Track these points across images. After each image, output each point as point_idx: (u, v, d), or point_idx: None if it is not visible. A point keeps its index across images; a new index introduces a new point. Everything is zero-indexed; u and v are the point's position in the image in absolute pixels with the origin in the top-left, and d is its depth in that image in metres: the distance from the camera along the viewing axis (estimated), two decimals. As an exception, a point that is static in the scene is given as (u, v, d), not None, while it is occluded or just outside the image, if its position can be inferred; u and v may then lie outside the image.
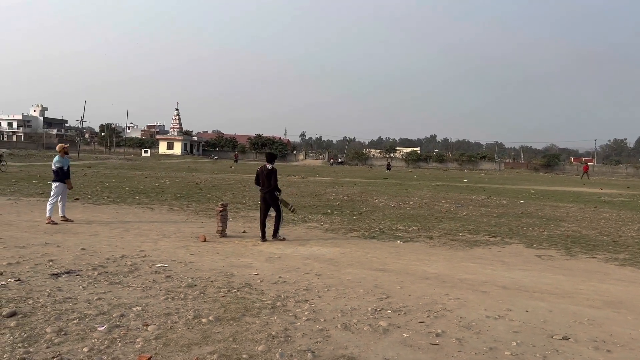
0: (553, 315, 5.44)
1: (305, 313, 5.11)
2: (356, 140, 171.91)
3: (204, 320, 4.75)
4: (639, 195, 27.79)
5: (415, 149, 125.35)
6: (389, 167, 65.04)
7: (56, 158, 11.07)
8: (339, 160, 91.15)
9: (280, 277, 6.62)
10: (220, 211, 9.64)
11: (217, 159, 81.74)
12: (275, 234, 9.60)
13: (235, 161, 63.56)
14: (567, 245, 10.26)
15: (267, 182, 9.63)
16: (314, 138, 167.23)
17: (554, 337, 4.70)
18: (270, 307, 5.26)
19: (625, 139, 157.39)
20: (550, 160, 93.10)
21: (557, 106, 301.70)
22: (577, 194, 26.80)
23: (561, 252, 9.47)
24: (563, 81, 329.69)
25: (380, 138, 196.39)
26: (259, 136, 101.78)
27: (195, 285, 6.00)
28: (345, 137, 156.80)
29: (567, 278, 7.37)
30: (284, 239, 9.56)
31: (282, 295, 5.72)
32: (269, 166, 9.76)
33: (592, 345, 4.54)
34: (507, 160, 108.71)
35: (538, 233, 11.77)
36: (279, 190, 9.69)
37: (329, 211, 14.34)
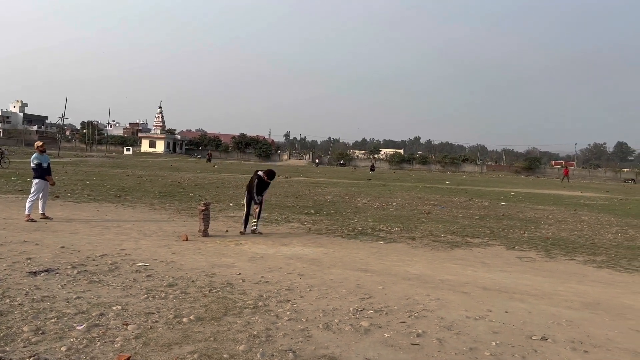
0: (532, 316, 5.51)
1: (287, 313, 5.10)
2: (340, 140, 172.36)
3: (184, 319, 4.71)
4: (617, 199, 28.28)
5: (399, 150, 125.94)
6: (372, 168, 65.28)
7: (33, 155, 10.94)
8: (342, 162, 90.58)
9: (262, 277, 6.60)
10: (203, 210, 9.58)
11: (200, 157, 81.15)
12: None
13: (208, 160, 62.60)
14: (547, 247, 10.40)
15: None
16: (298, 138, 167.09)
17: (532, 338, 4.76)
18: (252, 306, 5.24)
19: (605, 144, 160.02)
20: (532, 163, 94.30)
21: (539, 110, 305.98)
22: (557, 197, 27.18)
23: (541, 254, 9.59)
24: (545, 85, 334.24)
25: (364, 139, 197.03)
26: (243, 135, 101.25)
27: (177, 285, 5.95)
28: (330, 137, 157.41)
29: (546, 279, 7.47)
30: (248, 233, 10.05)
31: (264, 295, 5.70)
32: (260, 172, 10.32)
33: (570, 346, 4.61)
34: (489, 163, 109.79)
35: (519, 235, 11.90)
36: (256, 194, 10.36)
37: (312, 211, 14.34)
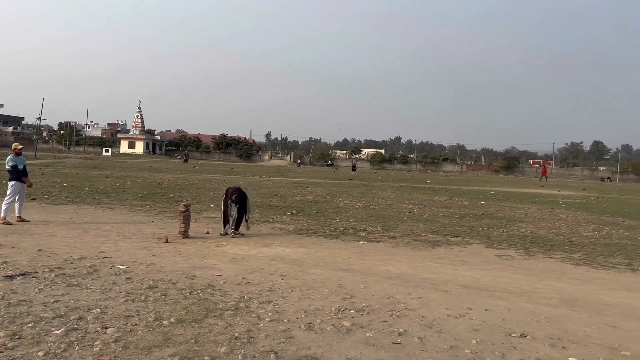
0: (512, 313, 5.58)
1: (269, 314, 5.09)
2: (322, 141, 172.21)
3: (165, 322, 4.66)
4: (594, 197, 28.80)
5: (380, 150, 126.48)
6: (354, 168, 65.47)
7: (8, 157, 10.74)
8: (329, 162, 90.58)
9: (244, 278, 6.57)
10: (183, 212, 9.50)
11: (179, 158, 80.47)
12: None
13: (185, 161, 61.88)
14: (526, 245, 10.54)
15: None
16: (279, 138, 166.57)
17: (512, 335, 4.82)
18: (233, 308, 5.22)
19: (582, 143, 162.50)
20: (511, 162, 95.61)
21: (518, 110, 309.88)
22: (535, 196, 27.57)
23: (520, 252, 9.72)
24: (524, 86, 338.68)
25: (345, 139, 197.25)
26: (223, 136, 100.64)
27: (157, 287, 5.89)
28: (311, 137, 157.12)
29: (525, 277, 7.57)
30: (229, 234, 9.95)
31: (245, 297, 5.68)
32: (233, 196, 10.10)
33: (549, 342, 4.68)
34: (469, 162, 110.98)
35: (498, 233, 12.05)
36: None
37: (294, 212, 14.33)
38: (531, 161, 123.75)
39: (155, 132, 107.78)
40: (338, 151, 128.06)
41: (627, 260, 9.28)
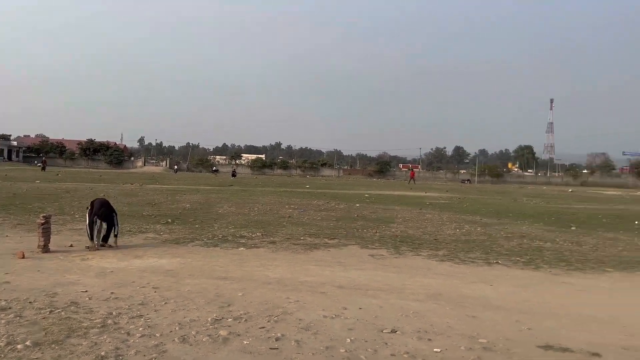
0: (383, 310, 5.84)
1: (140, 329, 4.82)
2: (200, 146, 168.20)
3: (19, 346, 4.22)
4: (456, 198, 31.30)
5: (260, 156, 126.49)
6: (234, 173, 64.73)
7: None
8: (214, 169, 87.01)
9: (112, 292, 6.16)
10: (42, 224, 8.69)
11: (39, 165, 73.72)
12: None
13: (43, 169, 56.80)
14: (396, 244, 11.13)
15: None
16: (154, 144, 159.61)
17: (383, 331, 5.05)
18: (99, 325, 4.86)
19: (445, 148, 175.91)
20: (383, 167, 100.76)
21: (389, 117, 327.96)
22: (405, 198, 29.30)
23: (391, 251, 10.24)
24: (394, 95, 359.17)
25: (225, 144, 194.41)
26: (90, 141, 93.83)
27: (10, 308, 5.31)
28: (189, 143, 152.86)
29: (396, 275, 7.99)
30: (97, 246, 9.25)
31: (113, 312, 5.32)
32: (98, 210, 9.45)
33: (416, 336, 4.97)
34: (345, 167, 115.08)
35: (371, 234, 12.59)
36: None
37: (169, 220, 13.77)
38: (401, 165, 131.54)
39: (12, 138, 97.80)
40: (217, 157, 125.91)
41: (484, 255, 10.17)
